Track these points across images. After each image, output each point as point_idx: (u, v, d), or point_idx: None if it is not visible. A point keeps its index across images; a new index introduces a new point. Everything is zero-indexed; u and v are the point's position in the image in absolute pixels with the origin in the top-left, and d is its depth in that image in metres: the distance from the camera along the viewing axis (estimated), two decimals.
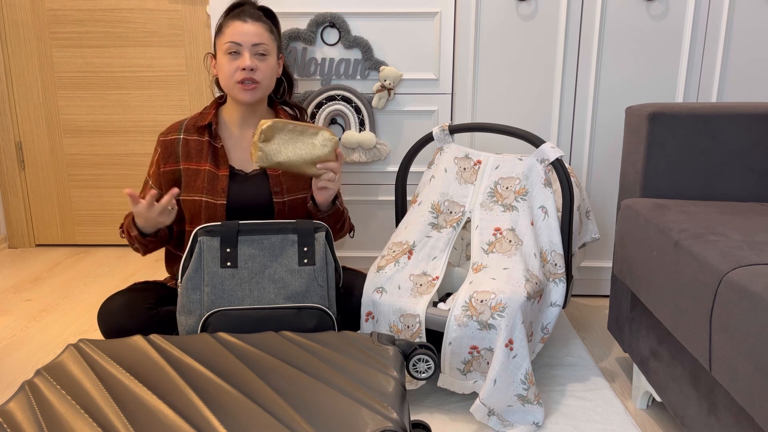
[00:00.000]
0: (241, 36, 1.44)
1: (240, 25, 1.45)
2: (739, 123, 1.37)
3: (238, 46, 1.44)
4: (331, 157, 1.37)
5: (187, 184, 1.48)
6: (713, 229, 1.12)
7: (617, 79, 1.89)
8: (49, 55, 2.48)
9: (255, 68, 1.44)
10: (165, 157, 1.50)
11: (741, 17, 1.83)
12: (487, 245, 1.46)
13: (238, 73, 1.44)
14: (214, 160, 1.49)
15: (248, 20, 1.46)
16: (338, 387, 0.88)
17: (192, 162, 1.49)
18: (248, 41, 1.44)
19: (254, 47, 1.45)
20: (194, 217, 1.48)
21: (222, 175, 1.48)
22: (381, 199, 2.03)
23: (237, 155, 1.52)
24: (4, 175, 2.59)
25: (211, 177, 1.47)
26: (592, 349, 1.72)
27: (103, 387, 0.87)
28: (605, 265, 2.02)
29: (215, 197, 1.46)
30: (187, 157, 1.50)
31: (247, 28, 1.45)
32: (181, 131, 1.51)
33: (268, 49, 1.48)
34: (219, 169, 1.49)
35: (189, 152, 1.50)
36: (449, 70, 1.91)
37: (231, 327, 1.26)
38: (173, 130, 1.52)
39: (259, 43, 1.45)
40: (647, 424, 1.37)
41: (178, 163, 1.50)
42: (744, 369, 0.87)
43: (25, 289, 2.18)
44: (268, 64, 1.48)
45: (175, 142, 1.50)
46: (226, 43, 1.45)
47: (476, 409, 1.30)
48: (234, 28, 1.45)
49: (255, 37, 1.45)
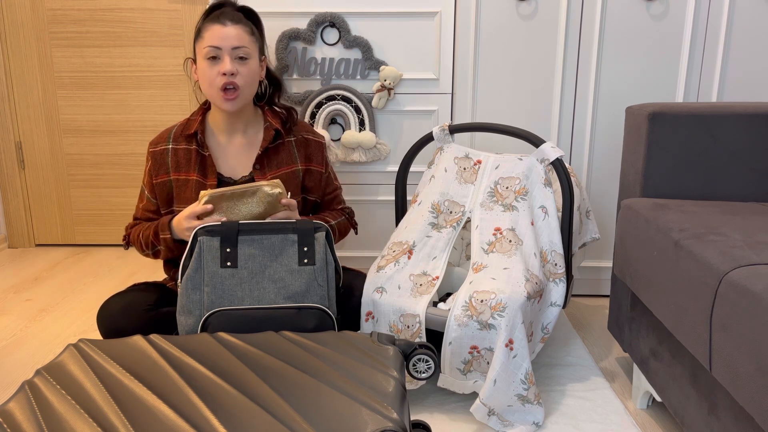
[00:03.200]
0: (221, 40, 1.40)
1: (219, 28, 1.41)
2: (739, 123, 1.37)
3: (217, 51, 1.41)
4: (276, 209, 1.37)
5: (178, 194, 1.48)
6: (713, 229, 1.12)
7: (617, 79, 1.89)
8: (49, 55, 2.48)
9: (235, 72, 1.41)
10: (156, 169, 1.50)
11: (741, 17, 1.83)
12: (487, 245, 1.46)
13: (218, 78, 1.41)
14: (201, 170, 1.48)
15: (228, 23, 1.41)
16: (338, 387, 0.88)
17: (181, 172, 1.48)
18: (228, 45, 1.40)
19: (234, 51, 1.41)
20: None
21: (210, 184, 1.47)
22: (381, 199, 2.03)
23: (225, 162, 1.51)
24: (4, 175, 2.58)
25: (200, 187, 1.46)
26: (592, 349, 1.72)
27: (103, 387, 0.87)
28: (605, 265, 2.02)
29: None
30: (176, 168, 1.49)
31: (227, 31, 1.41)
32: (169, 141, 1.50)
33: (249, 52, 1.44)
34: (207, 178, 1.48)
35: (178, 162, 1.49)
36: (449, 70, 1.91)
37: (231, 327, 1.26)
38: (162, 140, 1.51)
39: (239, 47, 1.41)
40: (647, 424, 1.37)
41: (168, 174, 1.49)
42: (744, 369, 0.87)
43: (25, 289, 2.18)
44: (249, 67, 1.44)
45: (164, 153, 1.49)
46: (205, 47, 1.41)
47: (476, 409, 1.30)
48: (213, 31, 1.41)
49: (235, 41, 1.41)
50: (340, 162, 1.98)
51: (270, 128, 1.51)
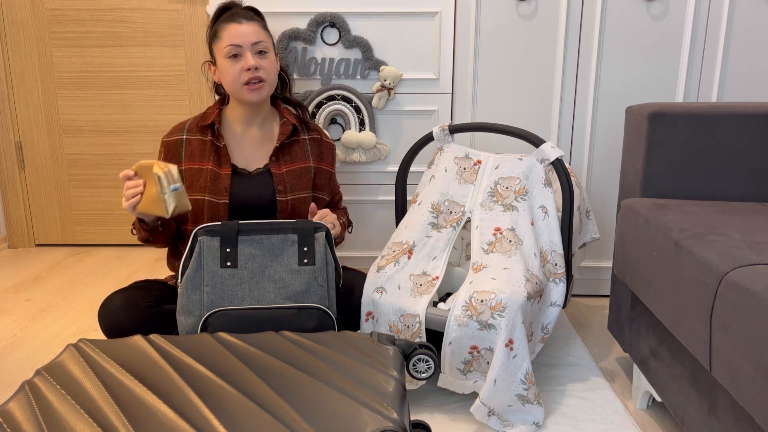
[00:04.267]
0: (240, 37, 1.44)
1: (236, 26, 1.45)
2: (739, 123, 1.37)
3: (238, 48, 1.44)
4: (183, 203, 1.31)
5: (190, 183, 1.49)
6: (713, 229, 1.12)
7: (617, 79, 1.89)
8: (49, 54, 2.48)
9: (259, 67, 1.45)
10: (168, 159, 1.51)
11: (741, 17, 1.83)
12: (487, 245, 1.46)
13: (243, 74, 1.44)
14: (216, 160, 1.49)
15: (243, 21, 1.46)
16: (338, 387, 0.88)
17: (195, 162, 1.50)
18: (248, 41, 1.45)
19: (254, 46, 1.45)
20: (197, 216, 1.49)
21: (224, 174, 1.48)
22: (381, 199, 2.03)
23: (240, 154, 1.53)
24: (4, 175, 2.58)
25: (214, 176, 1.48)
26: (592, 349, 1.72)
27: (103, 387, 0.87)
28: (605, 265, 2.02)
29: (218, 196, 1.47)
30: (190, 157, 1.50)
31: (244, 28, 1.45)
32: (184, 132, 1.52)
33: (268, 47, 1.48)
34: (221, 168, 1.49)
35: (192, 152, 1.50)
36: (449, 70, 1.91)
37: (231, 327, 1.26)
38: (176, 131, 1.53)
39: (258, 41, 1.46)
40: (647, 424, 1.37)
41: (180, 163, 1.50)
42: (744, 369, 0.87)
43: (25, 289, 2.18)
44: (270, 60, 1.49)
45: (178, 143, 1.51)
46: (225, 46, 1.45)
47: (476, 409, 1.30)
48: (231, 30, 1.45)
49: (254, 36, 1.45)
50: (340, 162, 1.98)
51: (287, 123, 1.55)
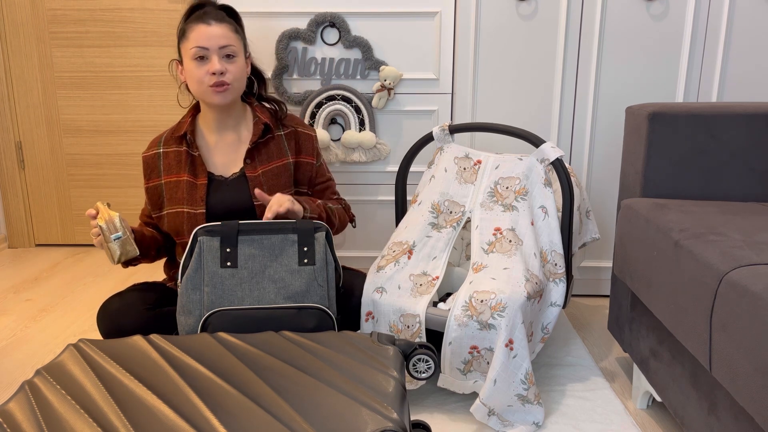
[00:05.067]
0: (208, 40, 1.39)
1: (204, 28, 1.40)
2: (739, 123, 1.37)
3: (205, 51, 1.40)
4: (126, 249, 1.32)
5: (170, 197, 1.47)
6: (713, 229, 1.12)
7: (617, 79, 1.89)
8: (49, 54, 2.48)
9: (225, 71, 1.41)
10: (148, 174, 1.50)
11: (741, 17, 1.83)
12: (487, 245, 1.46)
13: (207, 77, 1.40)
14: (192, 170, 1.47)
15: (212, 22, 1.41)
16: (338, 387, 0.88)
17: (172, 174, 1.48)
18: (215, 44, 1.40)
19: (222, 50, 1.40)
20: (178, 229, 1.47)
21: (200, 183, 1.46)
22: (381, 199, 2.03)
23: (216, 161, 1.50)
24: (4, 175, 2.58)
25: (190, 187, 1.46)
26: (592, 349, 1.72)
27: (103, 387, 0.87)
28: (605, 265, 2.02)
29: (195, 207, 1.45)
30: (168, 170, 1.49)
31: (213, 30, 1.40)
32: (160, 145, 1.50)
33: (236, 50, 1.43)
34: (198, 177, 1.47)
35: (169, 165, 1.49)
36: (449, 70, 1.91)
37: (231, 327, 1.26)
38: (153, 146, 1.51)
39: (226, 45, 1.41)
40: (647, 424, 1.37)
41: (160, 177, 1.49)
42: (744, 369, 0.87)
43: (25, 289, 2.18)
44: (237, 65, 1.44)
45: (156, 157, 1.50)
46: (192, 48, 1.40)
47: (476, 409, 1.30)
48: (199, 31, 1.40)
49: (222, 39, 1.40)
50: (340, 162, 1.98)
51: (259, 123, 1.51)
